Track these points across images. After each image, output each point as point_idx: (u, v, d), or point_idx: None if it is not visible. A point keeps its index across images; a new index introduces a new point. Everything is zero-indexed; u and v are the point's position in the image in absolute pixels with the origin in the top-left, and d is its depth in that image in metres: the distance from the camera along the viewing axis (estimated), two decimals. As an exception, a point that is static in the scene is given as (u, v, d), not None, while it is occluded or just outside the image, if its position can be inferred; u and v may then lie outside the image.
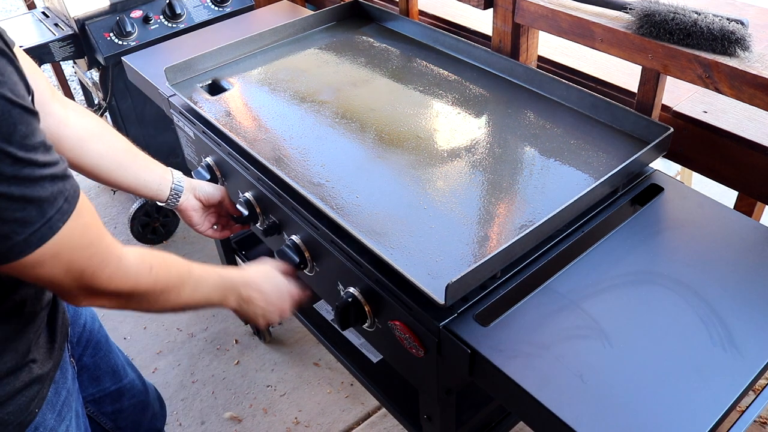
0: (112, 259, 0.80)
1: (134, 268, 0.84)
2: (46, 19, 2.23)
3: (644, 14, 1.17)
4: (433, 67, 1.55)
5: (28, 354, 0.87)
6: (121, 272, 0.82)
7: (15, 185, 0.64)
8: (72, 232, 0.72)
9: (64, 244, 0.72)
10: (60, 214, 0.70)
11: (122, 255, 0.82)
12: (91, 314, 1.21)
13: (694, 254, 1.04)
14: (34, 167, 0.66)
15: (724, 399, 0.82)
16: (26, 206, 0.66)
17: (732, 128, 1.22)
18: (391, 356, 1.16)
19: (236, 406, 2.01)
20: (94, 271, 0.78)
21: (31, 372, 0.88)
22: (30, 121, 0.66)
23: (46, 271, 0.73)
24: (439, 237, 1.07)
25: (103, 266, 0.79)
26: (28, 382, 0.87)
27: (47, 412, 0.92)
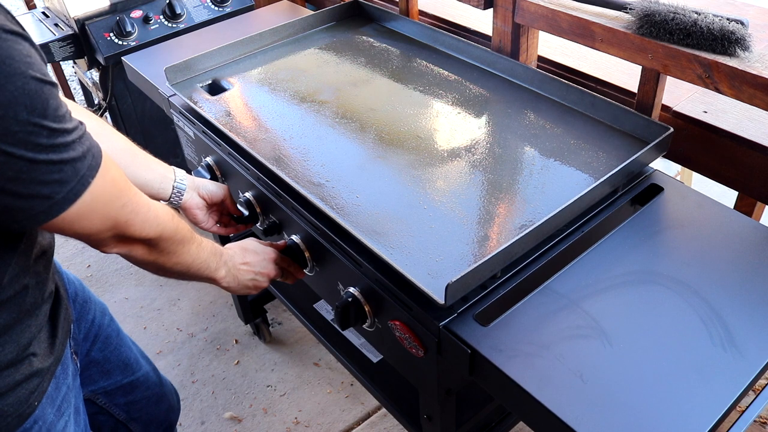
0: (141, 206, 0.88)
1: (162, 214, 0.92)
2: (46, 19, 2.23)
3: (644, 14, 1.17)
4: (433, 67, 1.55)
5: (28, 347, 0.88)
6: (151, 217, 0.89)
7: (53, 152, 0.71)
8: (103, 184, 0.79)
9: (97, 196, 0.78)
10: (90, 170, 0.76)
11: (150, 202, 0.90)
12: (101, 309, 1.23)
13: (694, 254, 1.04)
14: (65, 134, 0.73)
15: (724, 399, 0.82)
16: (62, 167, 0.73)
17: (732, 128, 1.22)
18: (391, 356, 1.16)
19: (236, 406, 2.01)
20: (128, 219, 0.85)
21: (31, 365, 0.89)
22: (56, 94, 0.73)
23: (85, 224, 0.79)
24: (439, 237, 1.07)
25: (135, 214, 0.86)
26: (28, 375, 0.88)
27: (47, 406, 0.93)
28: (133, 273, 2.52)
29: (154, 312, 2.35)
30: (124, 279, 2.50)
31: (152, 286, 2.46)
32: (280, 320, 2.27)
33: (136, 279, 2.49)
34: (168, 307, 2.37)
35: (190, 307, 2.36)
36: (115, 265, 2.57)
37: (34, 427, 0.91)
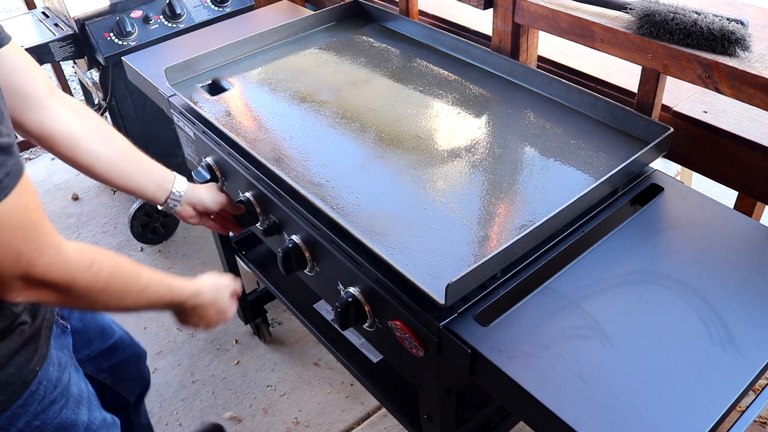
0: (50, 246, 0.79)
1: (74, 260, 0.82)
2: (46, 19, 2.23)
3: (644, 14, 1.17)
4: (433, 67, 1.55)
5: (18, 317, 0.92)
6: (59, 262, 0.80)
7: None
8: (12, 209, 0.72)
9: (3, 217, 0.71)
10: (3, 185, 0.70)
11: (61, 245, 0.81)
12: None
13: (694, 254, 1.04)
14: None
15: (724, 399, 0.82)
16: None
17: (732, 128, 1.22)
18: (391, 356, 1.16)
19: (236, 406, 2.01)
20: (32, 256, 0.76)
21: (23, 333, 0.93)
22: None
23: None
24: (439, 237, 1.07)
25: (41, 252, 0.77)
26: (22, 342, 0.92)
27: (48, 366, 0.98)
28: (133, 273, 2.52)
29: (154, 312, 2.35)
30: (124, 279, 2.50)
31: (152, 286, 2.45)
32: (280, 320, 2.27)
33: (136, 279, 2.49)
34: (168, 307, 2.37)
35: (190, 307, 2.36)
36: (115, 265, 2.57)
37: (40, 387, 0.96)
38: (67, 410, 1.02)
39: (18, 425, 0.94)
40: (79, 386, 1.07)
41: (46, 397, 0.97)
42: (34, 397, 0.95)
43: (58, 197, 2.93)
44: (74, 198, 2.92)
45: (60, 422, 1.00)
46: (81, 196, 2.94)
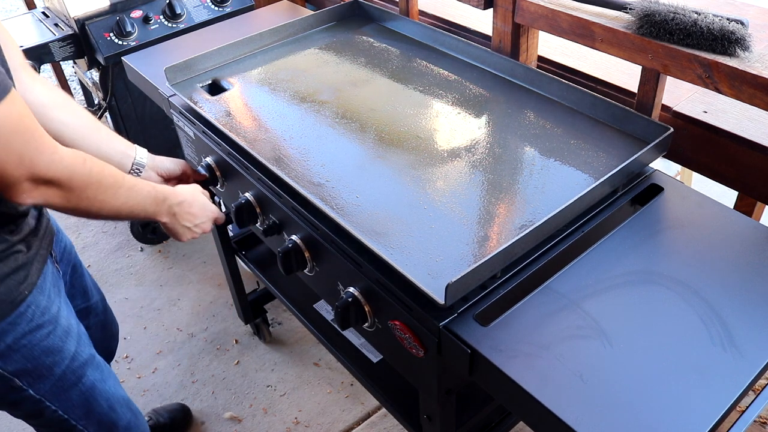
0: (47, 146, 0.89)
1: (69, 157, 0.93)
2: (46, 19, 2.23)
3: (644, 14, 1.17)
4: (433, 67, 1.55)
5: (14, 246, 1.03)
6: (57, 159, 0.90)
7: None
8: (6, 116, 0.82)
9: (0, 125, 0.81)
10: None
11: (57, 145, 0.91)
12: (69, 241, 1.36)
13: (694, 254, 1.04)
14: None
15: (724, 399, 0.82)
16: None
17: (732, 128, 1.22)
18: (391, 356, 1.16)
19: (236, 406, 2.01)
20: (32, 156, 0.87)
21: (17, 260, 1.04)
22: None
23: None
24: (439, 237, 1.07)
25: (40, 152, 0.88)
26: (15, 268, 1.04)
27: (37, 294, 1.09)
28: (133, 273, 2.52)
29: (154, 312, 2.35)
30: (124, 279, 2.50)
31: (152, 286, 2.46)
32: (280, 320, 2.27)
33: (136, 279, 2.50)
34: (168, 307, 2.37)
35: (190, 307, 2.36)
36: (115, 265, 2.57)
37: (28, 310, 1.07)
38: (54, 337, 1.12)
39: (6, 341, 1.05)
40: (68, 320, 1.17)
41: (34, 320, 1.08)
42: (22, 318, 1.06)
43: (58, 197, 2.93)
44: (74, 198, 2.92)
45: (47, 346, 1.11)
46: (81, 196, 2.94)
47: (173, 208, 1.18)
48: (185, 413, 1.94)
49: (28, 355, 1.09)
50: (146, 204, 1.11)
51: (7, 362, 1.07)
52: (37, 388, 1.12)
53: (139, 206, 1.09)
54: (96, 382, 1.23)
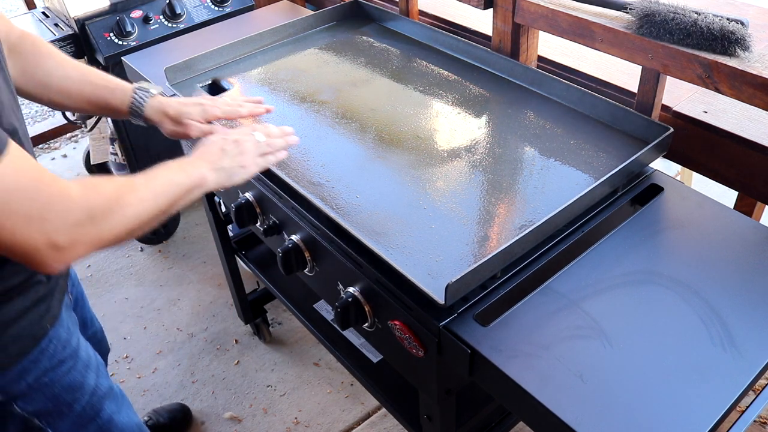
0: (55, 195, 0.78)
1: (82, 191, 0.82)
2: (46, 19, 2.23)
3: (644, 14, 1.17)
4: (433, 67, 1.55)
5: (33, 276, 0.96)
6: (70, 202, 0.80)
7: None
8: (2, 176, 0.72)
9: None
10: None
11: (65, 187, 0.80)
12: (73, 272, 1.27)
13: (694, 254, 1.04)
14: None
15: (724, 399, 0.82)
16: None
17: (732, 128, 1.22)
18: (391, 356, 1.16)
19: (236, 406, 2.01)
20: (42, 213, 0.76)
21: (37, 292, 0.97)
22: None
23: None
24: (439, 237, 1.07)
25: (51, 204, 0.77)
26: (36, 300, 0.97)
27: (58, 327, 1.03)
28: (133, 273, 2.52)
29: (154, 312, 2.35)
30: (124, 279, 2.50)
31: (152, 286, 2.46)
32: (280, 320, 2.27)
33: (136, 279, 2.49)
34: (168, 307, 2.37)
35: (190, 307, 2.36)
36: (115, 265, 2.57)
37: (50, 345, 1.01)
38: (75, 372, 1.06)
39: (28, 380, 0.99)
40: (87, 351, 1.11)
41: (56, 356, 1.02)
42: (44, 354, 1.00)
43: (58, 197, 2.93)
44: (74, 198, 2.92)
45: (68, 382, 1.05)
46: (81, 196, 2.94)
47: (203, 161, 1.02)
48: (185, 413, 1.94)
49: (49, 393, 1.02)
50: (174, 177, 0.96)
51: (27, 402, 1.01)
52: (56, 426, 1.06)
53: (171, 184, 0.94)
54: (113, 414, 1.17)
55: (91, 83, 1.17)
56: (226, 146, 1.07)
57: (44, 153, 3.24)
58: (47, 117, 3.56)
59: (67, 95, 1.16)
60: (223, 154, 1.06)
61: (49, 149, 3.27)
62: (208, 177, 1.01)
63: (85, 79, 1.16)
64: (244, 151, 1.08)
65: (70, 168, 3.12)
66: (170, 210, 0.94)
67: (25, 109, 3.67)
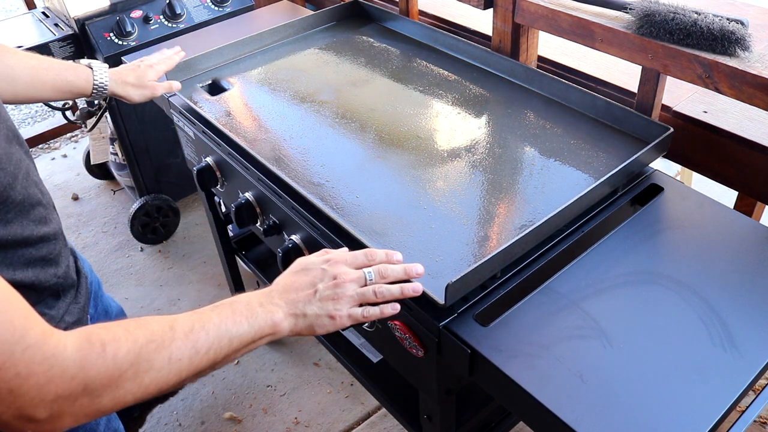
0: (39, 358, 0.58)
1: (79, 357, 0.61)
2: (46, 19, 2.23)
3: (644, 14, 1.17)
4: (433, 67, 1.55)
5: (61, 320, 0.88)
6: (59, 370, 0.59)
7: None
8: None
9: None
10: None
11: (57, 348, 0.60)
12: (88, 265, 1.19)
13: (694, 254, 1.04)
14: None
15: (724, 399, 0.82)
16: None
17: (732, 128, 1.22)
18: (391, 356, 1.16)
19: (236, 406, 2.01)
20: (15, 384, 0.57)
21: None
22: None
23: None
24: (439, 237, 1.07)
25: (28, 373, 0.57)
26: None
27: None
28: (133, 273, 2.52)
29: (154, 312, 2.35)
30: (124, 279, 2.50)
31: (152, 286, 2.46)
32: (280, 320, 2.27)
33: (136, 279, 2.49)
34: (168, 307, 2.37)
35: (190, 307, 2.36)
36: (115, 265, 2.57)
37: None
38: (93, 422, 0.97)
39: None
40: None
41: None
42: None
43: (58, 197, 2.93)
44: (74, 198, 2.92)
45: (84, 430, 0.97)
46: (81, 196, 2.94)
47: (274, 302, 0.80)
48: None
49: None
50: (232, 328, 0.76)
51: None
52: None
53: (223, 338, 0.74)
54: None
55: (54, 69, 1.18)
56: (321, 284, 0.83)
57: (44, 153, 3.24)
58: (47, 117, 3.56)
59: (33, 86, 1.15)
60: (313, 296, 0.82)
61: (49, 149, 3.27)
62: (282, 326, 0.80)
63: (46, 66, 1.17)
64: (341, 296, 0.83)
65: (70, 168, 3.12)
66: (213, 369, 0.76)
67: (25, 109, 3.67)
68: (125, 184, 2.69)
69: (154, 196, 2.49)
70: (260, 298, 0.81)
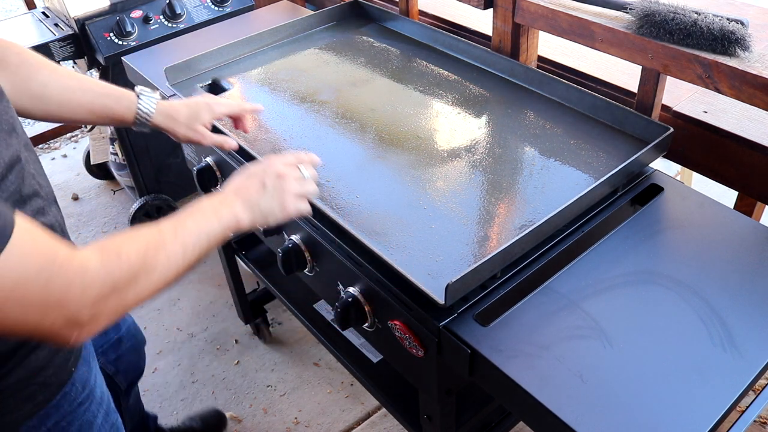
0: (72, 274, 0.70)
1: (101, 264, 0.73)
2: (46, 19, 2.23)
3: (644, 14, 1.17)
4: (433, 67, 1.55)
5: None
6: (90, 278, 0.71)
7: None
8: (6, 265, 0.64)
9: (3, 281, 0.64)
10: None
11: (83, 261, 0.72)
12: None
13: (694, 254, 1.04)
14: None
15: (724, 399, 0.82)
16: None
17: (732, 128, 1.22)
18: (391, 356, 1.16)
19: (236, 406, 2.01)
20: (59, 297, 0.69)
21: None
22: None
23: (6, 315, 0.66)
24: (439, 237, 1.07)
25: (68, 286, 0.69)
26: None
27: (81, 365, 0.99)
28: (133, 273, 2.52)
29: (154, 312, 2.35)
30: (124, 279, 2.50)
31: (152, 286, 2.45)
32: (280, 320, 2.27)
33: (136, 279, 2.49)
34: (168, 307, 2.37)
35: (190, 307, 2.36)
36: (115, 265, 2.57)
37: (72, 388, 0.97)
38: (89, 413, 1.02)
39: (48, 424, 0.95)
40: (102, 388, 1.08)
41: (76, 399, 0.98)
42: (66, 398, 0.96)
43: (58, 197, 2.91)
44: (74, 198, 2.92)
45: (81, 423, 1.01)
46: (81, 196, 2.94)
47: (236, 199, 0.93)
48: (219, 418, 1.91)
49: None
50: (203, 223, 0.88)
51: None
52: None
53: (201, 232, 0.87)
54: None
55: (92, 92, 1.12)
56: (268, 180, 0.97)
57: (44, 153, 3.24)
58: (47, 117, 3.56)
59: (68, 107, 1.10)
60: (263, 191, 0.96)
61: (49, 149, 3.27)
62: (242, 218, 0.92)
63: (85, 88, 1.11)
64: (286, 190, 0.98)
65: (70, 168, 3.12)
66: (198, 262, 0.87)
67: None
68: (125, 184, 2.69)
69: (154, 196, 2.49)
70: (220, 199, 0.93)
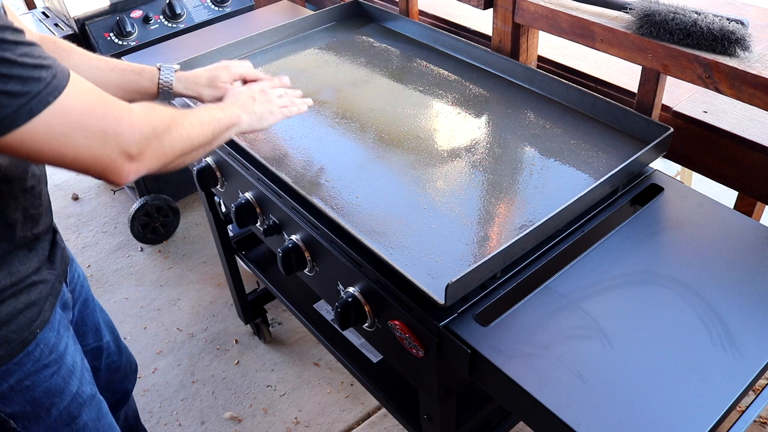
0: (122, 111, 0.85)
1: (142, 110, 0.88)
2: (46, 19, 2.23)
3: (644, 14, 1.17)
4: (433, 67, 1.55)
5: (26, 278, 0.96)
6: (136, 116, 0.86)
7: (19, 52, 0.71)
8: (73, 98, 0.78)
9: (70, 107, 0.77)
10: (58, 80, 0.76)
11: (128, 105, 0.87)
12: (81, 271, 1.26)
13: (694, 254, 1.04)
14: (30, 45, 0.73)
15: (724, 399, 0.82)
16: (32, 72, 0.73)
17: (732, 128, 1.22)
18: (391, 356, 1.16)
19: (236, 406, 2.01)
20: (114, 128, 0.82)
21: (29, 296, 0.97)
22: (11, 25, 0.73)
23: (67, 142, 0.78)
24: (439, 237, 1.07)
25: (120, 119, 0.83)
26: (28, 304, 0.96)
27: (48, 331, 1.01)
28: (133, 273, 2.52)
29: (154, 312, 2.35)
30: (124, 279, 2.50)
31: (152, 286, 2.46)
32: (280, 320, 2.27)
33: (136, 279, 2.50)
34: (168, 307, 2.37)
35: (190, 307, 2.36)
36: (115, 265, 2.57)
37: (37, 349, 1.00)
38: (57, 377, 1.05)
39: (10, 381, 0.98)
40: (74, 357, 1.09)
41: (41, 360, 1.01)
42: (29, 357, 0.99)
43: (58, 197, 2.93)
44: (74, 198, 2.92)
45: (48, 386, 1.04)
46: (81, 196, 2.94)
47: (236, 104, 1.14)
48: None
49: (29, 396, 1.02)
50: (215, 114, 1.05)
51: (6, 404, 1.00)
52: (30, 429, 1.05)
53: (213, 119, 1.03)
54: (89, 422, 1.13)
55: (119, 70, 1.20)
56: (255, 94, 1.19)
57: (44, 153, 3.24)
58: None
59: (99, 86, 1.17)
60: (253, 101, 1.17)
61: (49, 149, 3.27)
62: (242, 118, 1.12)
63: (111, 67, 1.19)
64: (271, 100, 1.21)
65: (70, 168, 3.11)
66: (212, 143, 1.03)
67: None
68: (125, 184, 2.69)
69: (154, 196, 2.49)
70: (221, 104, 1.13)
